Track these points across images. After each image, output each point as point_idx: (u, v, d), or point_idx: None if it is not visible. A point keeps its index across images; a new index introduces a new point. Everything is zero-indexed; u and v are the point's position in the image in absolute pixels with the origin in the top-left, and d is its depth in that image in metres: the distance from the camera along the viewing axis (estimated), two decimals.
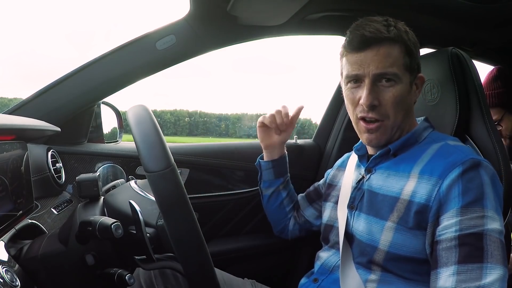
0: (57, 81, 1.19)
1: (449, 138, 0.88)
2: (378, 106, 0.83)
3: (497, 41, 1.40)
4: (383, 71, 0.81)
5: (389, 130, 0.86)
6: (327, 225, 1.02)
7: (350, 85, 0.87)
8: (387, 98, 0.82)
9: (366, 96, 0.82)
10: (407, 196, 0.80)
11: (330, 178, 1.11)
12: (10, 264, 0.68)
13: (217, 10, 1.13)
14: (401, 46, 0.83)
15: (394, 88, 0.82)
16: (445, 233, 0.73)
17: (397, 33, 0.82)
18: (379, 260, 0.82)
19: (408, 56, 0.83)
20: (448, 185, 0.75)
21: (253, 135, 4.74)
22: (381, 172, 0.89)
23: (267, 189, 1.21)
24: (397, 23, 0.85)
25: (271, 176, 1.19)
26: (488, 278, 0.67)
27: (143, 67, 1.24)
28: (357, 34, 0.82)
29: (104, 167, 1.29)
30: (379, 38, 0.81)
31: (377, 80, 0.82)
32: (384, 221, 0.82)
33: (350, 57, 0.85)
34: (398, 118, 0.85)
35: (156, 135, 0.58)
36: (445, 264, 0.71)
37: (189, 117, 4.59)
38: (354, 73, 0.84)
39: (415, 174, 0.81)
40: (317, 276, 0.97)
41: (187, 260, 0.58)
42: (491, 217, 0.72)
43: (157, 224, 0.70)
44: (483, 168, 0.76)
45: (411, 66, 0.84)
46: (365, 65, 0.82)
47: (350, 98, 0.87)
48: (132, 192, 0.77)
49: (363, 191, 0.91)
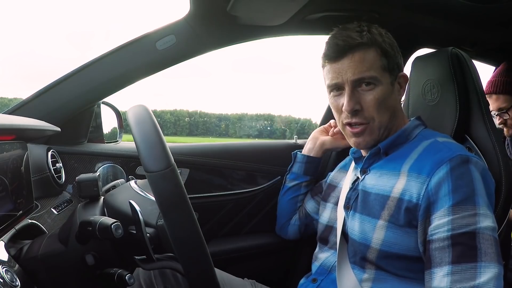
0: (57, 81, 1.19)
1: (440, 135, 0.88)
2: (361, 111, 0.85)
3: (497, 41, 1.40)
4: (360, 76, 0.83)
5: (375, 131, 0.87)
6: (328, 226, 1.03)
7: (333, 93, 0.89)
8: (369, 101, 0.84)
9: (347, 102, 0.84)
10: (397, 194, 0.81)
11: (331, 179, 1.12)
12: (10, 264, 0.68)
13: (217, 10, 1.13)
14: (376, 49, 0.84)
15: (375, 91, 0.84)
16: (437, 232, 0.73)
17: (370, 37, 0.84)
18: (372, 258, 0.83)
19: (385, 57, 0.85)
20: (436, 183, 0.75)
21: (253, 135, 4.74)
22: (374, 172, 0.90)
23: (291, 181, 1.22)
24: (370, 27, 0.86)
25: (301, 170, 1.21)
26: (483, 278, 0.67)
27: (143, 67, 1.24)
28: (331, 44, 0.85)
29: (104, 167, 1.29)
30: (351, 44, 0.83)
31: (357, 85, 0.84)
32: (376, 219, 0.83)
33: (329, 67, 0.87)
34: (384, 119, 0.86)
35: (156, 135, 0.58)
36: (438, 264, 0.71)
37: (189, 117, 4.60)
38: (334, 82, 0.86)
39: (405, 172, 0.82)
40: (316, 276, 0.97)
41: (187, 260, 0.58)
42: (483, 214, 0.71)
43: (157, 224, 0.70)
44: (472, 164, 0.76)
45: (389, 67, 0.85)
46: (343, 73, 0.84)
47: (335, 106, 0.90)
48: (132, 192, 0.77)
49: (357, 191, 0.92)
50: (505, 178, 0.89)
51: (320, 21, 1.28)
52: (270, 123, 4.65)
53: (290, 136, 3.85)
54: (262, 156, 1.44)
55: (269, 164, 1.45)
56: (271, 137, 4.59)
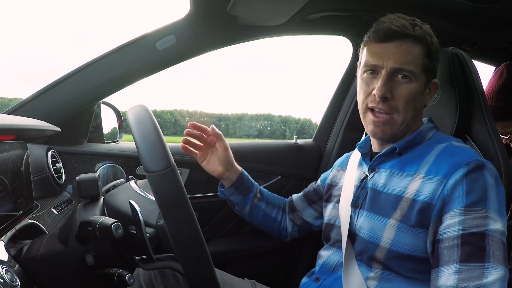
0: (57, 81, 1.19)
1: (453, 139, 0.89)
2: (390, 99, 0.84)
3: (497, 41, 1.40)
4: (401, 66, 0.82)
5: (396, 125, 0.86)
6: (328, 224, 1.02)
7: (366, 74, 0.87)
8: (400, 93, 0.83)
9: (380, 87, 0.82)
10: (411, 195, 0.81)
11: (331, 179, 1.11)
12: (10, 264, 0.68)
13: (217, 10, 1.13)
14: (423, 46, 0.84)
15: (409, 85, 0.83)
16: (447, 231, 0.73)
17: (421, 34, 0.83)
18: (380, 257, 0.83)
19: (428, 58, 0.84)
20: (452, 185, 0.76)
21: (253, 135, 4.73)
22: (385, 171, 0.89)
23: (243, 209, 1.17)
24: (423, 25, 0.86)
25: (239, 197, 1.15)
26: (489, 278, 0.67)
27: (143, 67, 1.24)
28: (384, 26, 0.84)
29: (104, 167, 1.29)
30: (404, 33, 0.82)
31: (394, 74, 0.83)
32: (387, 218, 0.83)
33: (372, 47, 0.86)
34: (408, 115, 0.85)
35: (156, 135, 0.58)
36: (446, 263, 0.72)
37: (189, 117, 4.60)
38: (373, 63, 0.85)
39: (421, 175, 0.82)
40: (318, 275, 0.97)
41: (187, 260, 0.58)
42: (493, 218, 0.72)
43: (157, 224, 0.70)
44: (487, 170, 0.77)
45: (429, 69, 0.85)
46: (385, 57, 0.83)
47: (363, 87, 0.88)
48: (132, 192, 0.77)
49: (366, 189, 0.91)
50: (505, 178, 0.89)
51: (320, 21, 1.28)
52: (270, 123, 4.64)
53: (290, 136, 3.85)
54: (262, 156, 1.44)
55: (269, 164, 1.45)
56: (271, 137, 4.58)
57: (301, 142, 1.54)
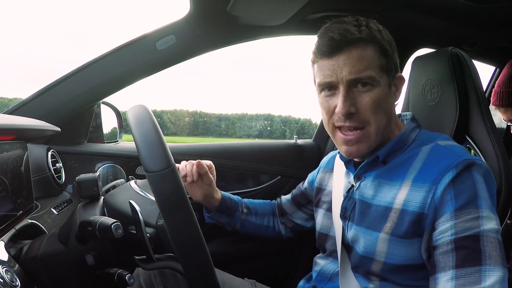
0: (57, 81, 1.19)
1: (439, 137, 0.83)
2: (356, 114, 0.77)
3: (497, 41, 1.40)
4: (357, 76, 0.75)
5: (371, 137, 0.79)
6: (322, 234, 0.99)
7: (324, 93, 0.81)
8: (365, 104, 0.77)
9: (341, 104, 0.76)
10: (400, 205, 0.77)
11: (319, 182, 1.07)
12: (10, 264, 0.68)
13: (217, 10, 1.14)
14: (375, 46, 0.77)
15: (372, 92, 0.77)
16: (441, 237, 0.71)
17: (369, 33, 0.77)
18: (376, 270, 0.81)
19: (384, 57, 0.78)
20: (442, 191, 0.72)
21: (253, 135, 4.73)
22: (371, 180, 0.84)
23: (233, 227, 1.14)
24: (368, 22, 0.79)
25: (227, 218, 1.12)
26: (488, 281, 0.65)
27: (143, 67, 1.24)
28: (326, 38, 0.77)
29: (104, 167, 1.29)
30: (349, 40, 0.75)
31: (352, 85, 0.77)
32: (378, 232, 0.80)
33: (321, 63, 0.79)
34: (381, 123, 0.79)
35: (156, 135, 0.58)
36: (443, 269, 0.69)
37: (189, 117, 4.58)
38: (327, 81, 0.78)
39: (408, 182, 0.78)
40: (315, 284, 0.96)
41: (187, 260, 0.58)
42: (487, 217, 0.70)
43: (157, 224, 0.70)
44: (475, 167, 0.74)
45: (387, 67, 0.79)
46: (338, 71, 0.76)
47: (325, 107, 0.81)
48: (132, 192, 0.77)
49: (354, 200, 0.87)
50: (505, 178, 0.89)
51: (320, 21, 1.27)
52: (270, 123, 4.64)
53: (290, 136, 3.85)
54: (262, 156, 1.45)
55: (269, 164, 1.45)
56: (271, 137, 4.58)
57: (301, 142, 1.54)
